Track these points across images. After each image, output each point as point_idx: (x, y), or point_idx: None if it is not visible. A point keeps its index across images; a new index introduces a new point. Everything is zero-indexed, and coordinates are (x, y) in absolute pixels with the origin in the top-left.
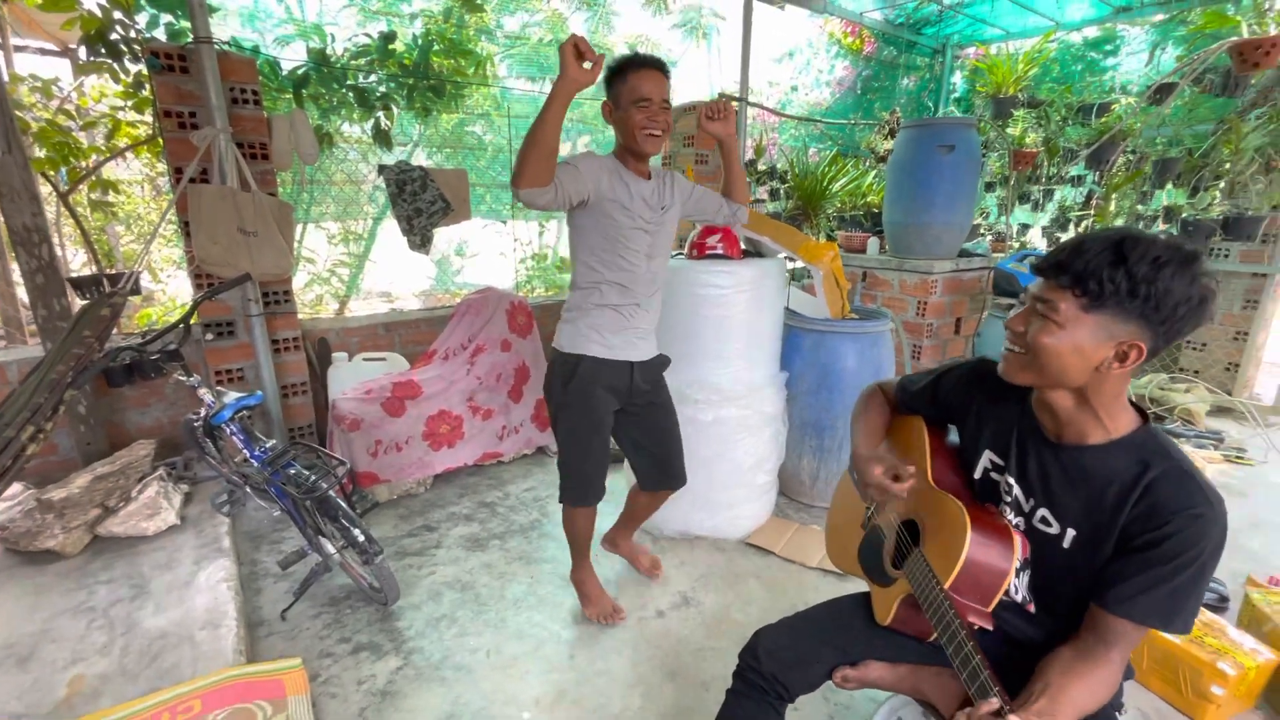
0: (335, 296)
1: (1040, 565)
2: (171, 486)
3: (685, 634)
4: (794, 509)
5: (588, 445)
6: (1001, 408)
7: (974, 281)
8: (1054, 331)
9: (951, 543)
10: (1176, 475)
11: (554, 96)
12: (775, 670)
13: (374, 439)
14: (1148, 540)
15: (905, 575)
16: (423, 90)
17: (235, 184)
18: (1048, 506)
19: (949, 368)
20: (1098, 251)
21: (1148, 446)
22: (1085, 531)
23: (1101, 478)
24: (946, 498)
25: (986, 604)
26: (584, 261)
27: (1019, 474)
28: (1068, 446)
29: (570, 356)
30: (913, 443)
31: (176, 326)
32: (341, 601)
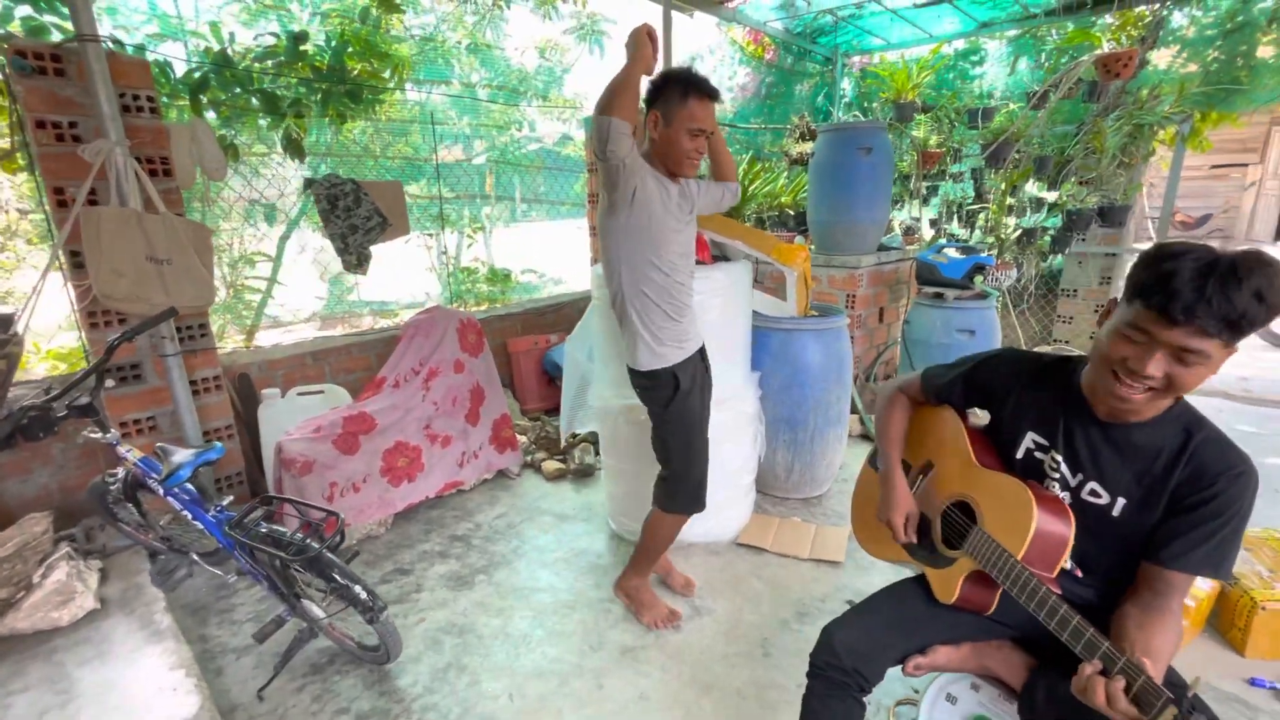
0: (240, 327)
1: (1088, 533)
2: (84, 565)
3: (706, 644)
4: (771, 503)
5: (698, 451)
6: (1043, 392)
7: (892, 273)
8: (1201, 373)
9: (1018, 517)
10: (1216, 441)
11: (632, 67)
12: (856, 663)
13: (329, 481)
14: (1197, 500)
15: (968, 554)
16: (338, 96)
17: (139, 205)
18: (1098, 480)
19: (981, 359)
20: (1248, 298)
21: (1186, 417)
22: (1136, 498)
23: (1151, 449)
24: (1003, 476)
25: (1052, 570)
26: (630, 266)
27: (1067, 452)
28: (1117, 425)
29: (661, 374)
30: (946, 431)
31: (88, 376)
32: (326, 668)
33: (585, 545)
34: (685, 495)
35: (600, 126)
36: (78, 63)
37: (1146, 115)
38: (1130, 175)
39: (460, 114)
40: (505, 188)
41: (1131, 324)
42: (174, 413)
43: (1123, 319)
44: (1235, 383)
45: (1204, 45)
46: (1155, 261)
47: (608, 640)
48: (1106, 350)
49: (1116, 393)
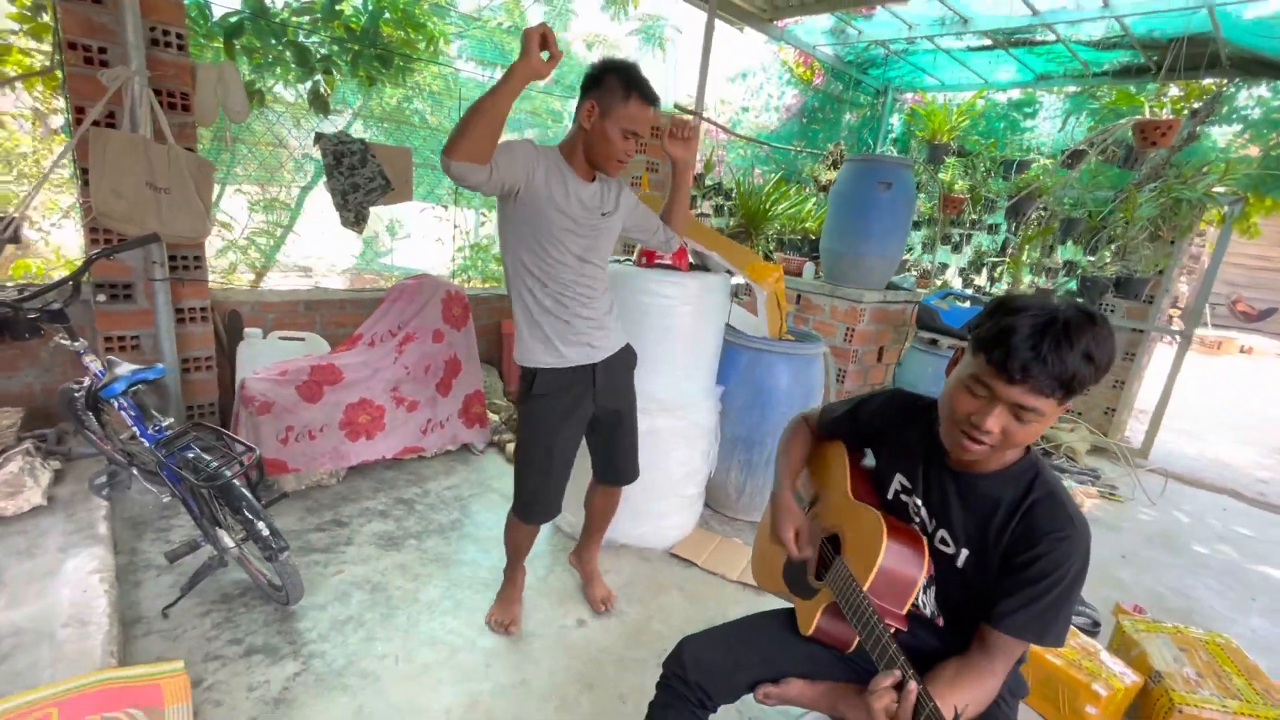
0: (251, 267)
1: (941, 583)
2: (39, 462)
3: (606, 644)
4: (718, 521)
5: (542, 463)
6: (909, 435)
7: (898, 313)
8: (1036, 429)
9: (870, 548)
10: (1049, 501)
11: (508, 78)
12: (700, 678)
13: (285, 424)
14: (1023, 560)
15: (828, 584)
16: (369, 58)
17: (149, 134)
18: (946, 528)
19: (866, 398)
20: (1078, 359)
21: (1030, 474)
22: (976, 551)
23: (992, 502)
24: (865, 508)
25: (901, 606)
26: (513, 255)
27: (924, 496)
28: (966, 473)
29: (526, 371)
30: (833, 466)
31: (64, 284)
32: (235, 599)
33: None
34: (520, 499)
35: (445, 169)
36: None
37: (1186, 190)
38: (1158, 249)
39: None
40: None
41: (974, 377)
42: (155, 335)
43: (967, 370)
44: (1251, 483)
45: (1269, 129)
46: (996, 314)
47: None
48: (952, 402)
49: (961, 445)
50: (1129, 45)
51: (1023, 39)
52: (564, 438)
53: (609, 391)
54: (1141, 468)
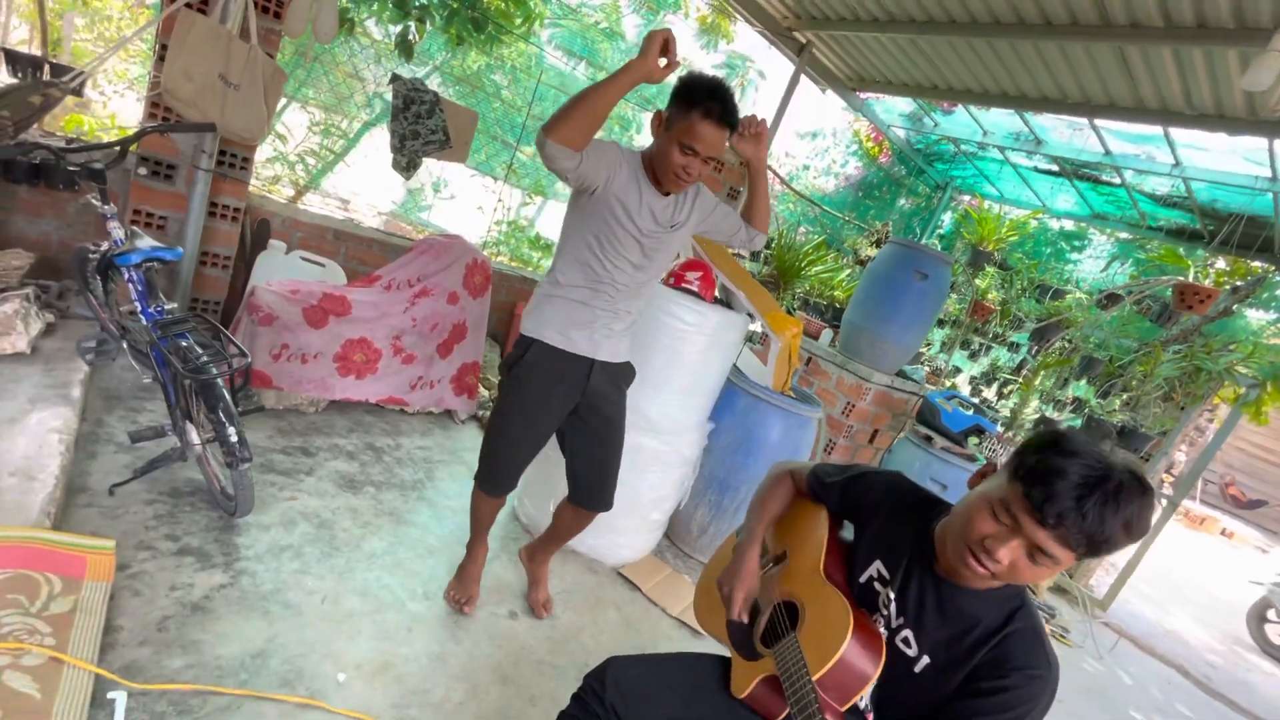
0: (294, 184)
1: (889, 681)
2: (35, 310)
3: (530, 643)
4: (673, 554)
5: (514, 435)
6: (902, 527)
7: (901, 401)
8: (1047, 573)
9: (830, 637)
10: (1028, 635)
11: (622, 74)
12: (616, 701)
13: (281, 341)
14: (990, 686)
15: (773, 656)
16: (464, 18)
17: (235, 29)
18: (913, 630)
19: (865, 472)
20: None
21: (1014, 603)
22: (940, 662)
23: (970, 619)
24: (835, 594)
25: (843, 704)
26: (570, 250)
27: (900, 593)
28: (949, 583)
29: (524, 339)
30: (811, 531)
31: (112, 146)
32: (183, 496)
33: None
34: (483, 473)
35: (539, 146)
36: None
37: (1208, 361)
38: (1168, 410)
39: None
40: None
41: (1003, 503)
42: (183, 221)
43: (997, 493)
44: (1200, 664)
45: None
46: (1047, 450)
47: (442, 596)
48: (970, 519)
49: (965, 563)
50: (1189, 208)
51: (1089, 174)
52: (543, 415)
53: (600, 394)
54: (1098, 619)
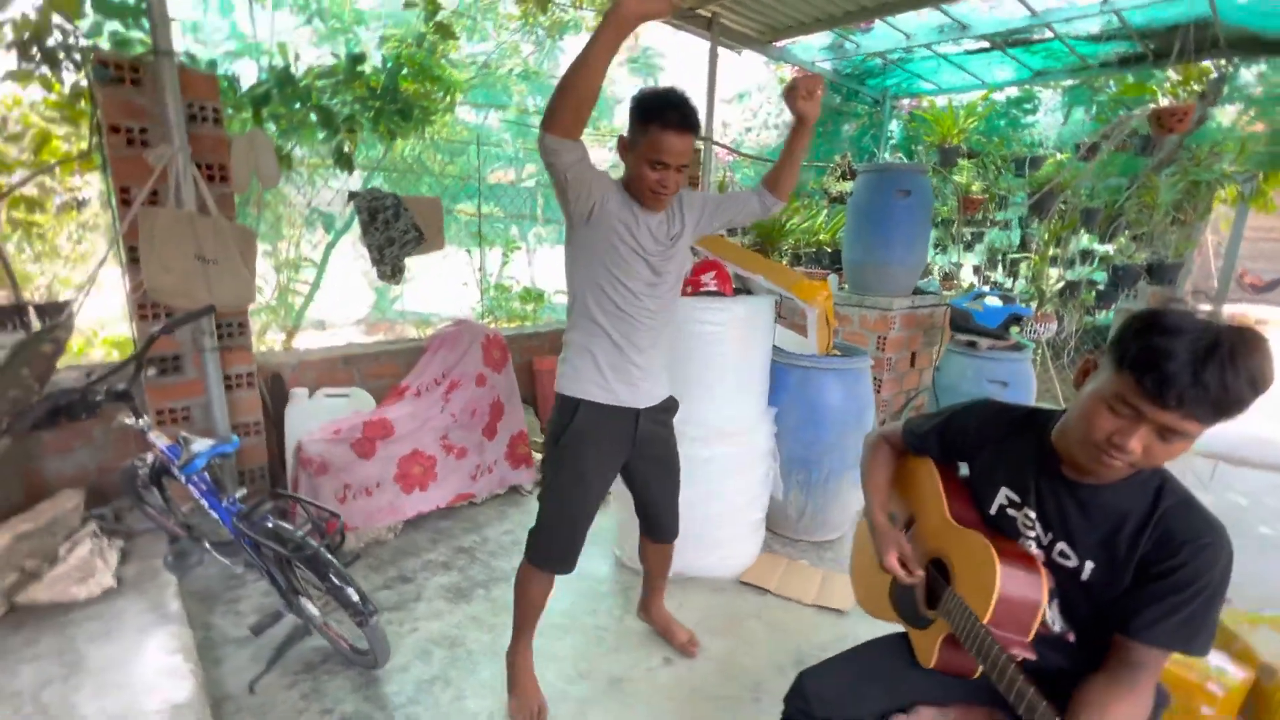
0: (281, 327)
1: (1065, 597)
2: (107, 544)
3: (697, 683)
4: (781, 544)
5: (571, 508)
6: (1016, 446)
7: (927, 317)
8: (1181, 449)
9: (983, 578)
10: (1185, 508)
11: (603, 29)
12: (826, 713)
13: (343, 482)
14: (1163, 569)
15: (942, 615)
16: (390, 114)
17: (193, 207)
18: (1066, 541)
19: (955, 411)
20: (1242, 386)
21: (1155, 482)
22: (1103, 563)
23: (1118, 513)
24: (971, 534)
25: (1025, 635)
26: (581, 290)
27: (1038, 509)
28: (1086, 485)
29: (568, 401)
30: (925, 484)
31: (128, 365)
32: (318, 666)
33: (587, 569)
34: (541, 543)
35: (540, 145)
36: (153, 74)
37: (1203, 173)
38: (1184, 232)
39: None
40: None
41: (1120, 397)
42: (207, 405)
43: (1110, 389)
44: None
45: (1273, 105)
46: (1148, 333)
47: (597, 669)
48: (1090, 420)
49: (1098, 462)
50: (1126, 36)
51: (1020, 39)
52: (597, 480)
53: (648, 439)
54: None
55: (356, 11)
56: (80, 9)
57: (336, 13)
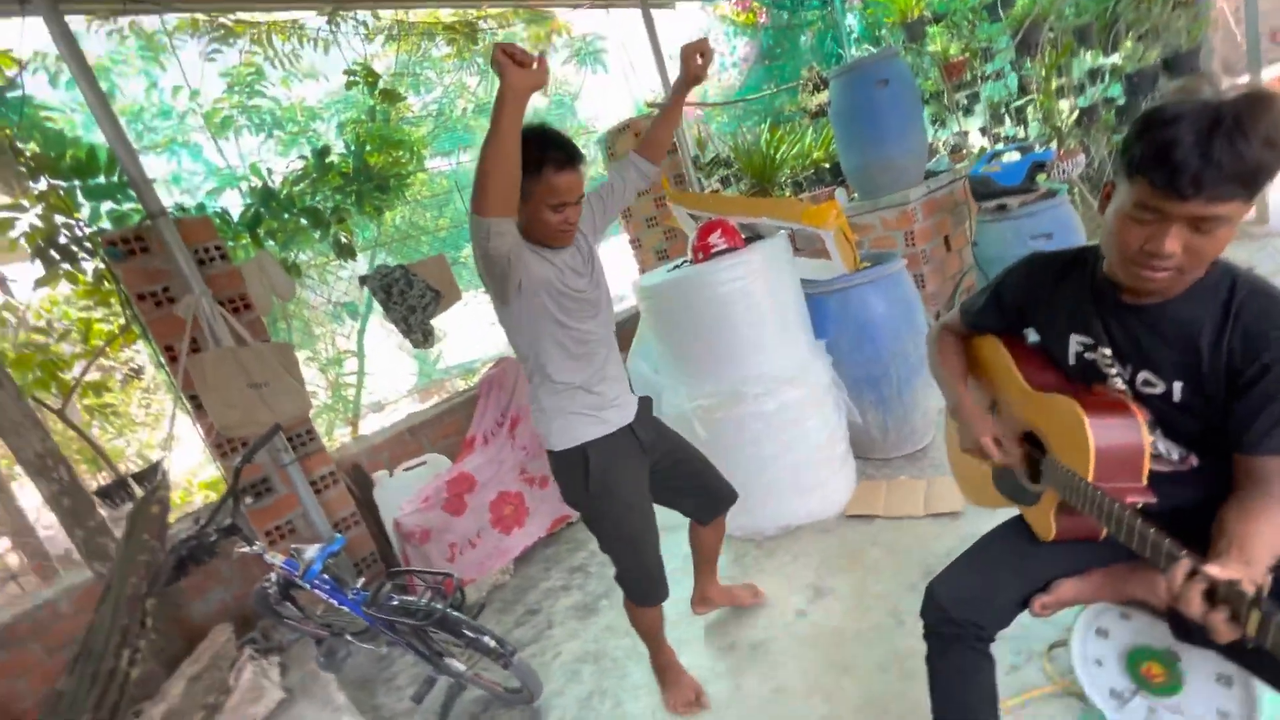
0: (344, 421)
1: (1168, 426)
2: (265, 662)
3: (835, 625)
4: (875, 467)
5: (637, 541)
6: (1070, 288)
7: (948, 197)
8: (1223, 237)
9: (1076, 437)
10: (1259, 298)
11: (499, 106)
12: (966, 614)
13: (447, 543)
14: (1256, 372)
15: (1048, 485)
16: (369, 192)
17: (230, 342)
18: (1147, 368)
19: (1002, 276)
20: (1258, 147)
21: (1227, 281)
22: (1191, 380)
23: (1192, 324)
24: (1052, 397)
25: (1138, 479)
26: (534, 354)
27: (1112, 345)
28: (1150, 306)
29: (572, 453)
30: (996, 362)
31: (226, 501)
32: (481, 716)
33: None
34: (634, 587)
35: (477, 230)
36: (156, 236)
37: None
38: (1190, 14)
39: None
40: None
41: (1139, 204)
42: (304, 513)
43: (1128, 200)
44: None
45: None
46: (1149, 130)
47: (737, 640)
48: (1120, 238)
49: (1141, 278)
50: None
51: None
52: (645, 502)
53: (655, 441)
54: (1268, 236)
55: (308, 110)
56: (75, 202)
57: (290, 118)
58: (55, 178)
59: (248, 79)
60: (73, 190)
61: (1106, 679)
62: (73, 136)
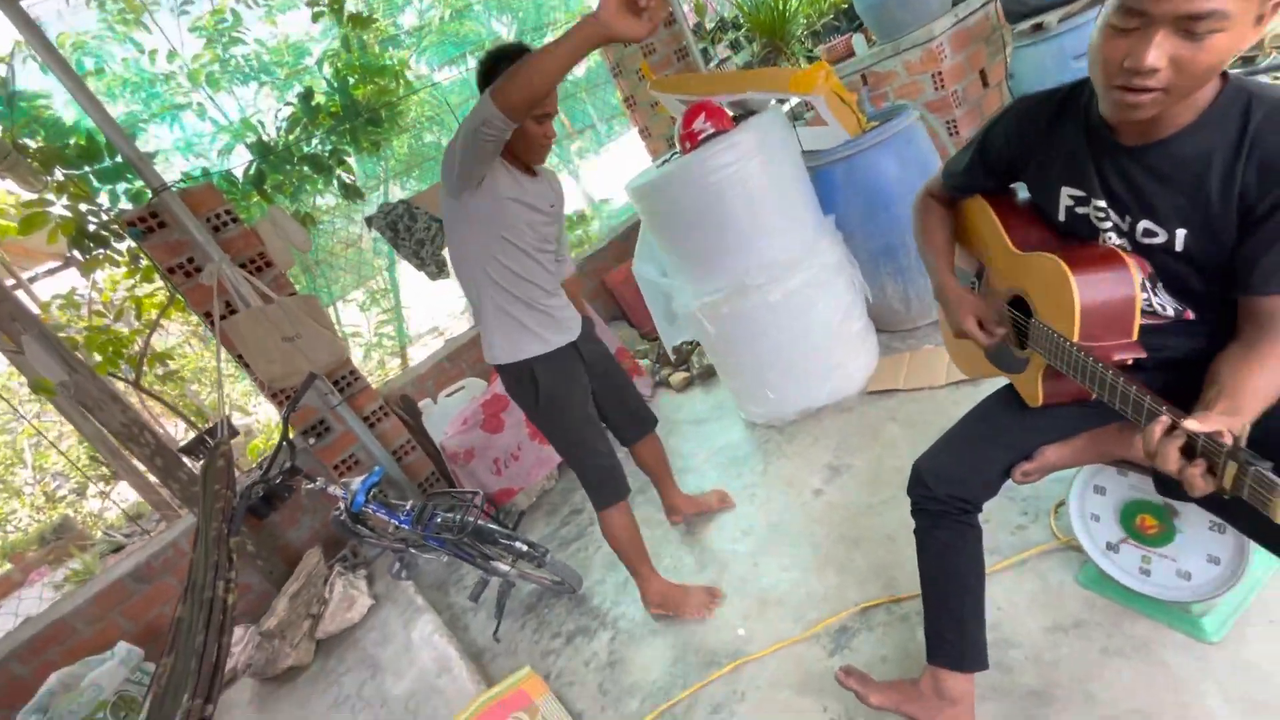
0: (392, 354)
1: (1169, 279)
2: (353, 576)
3: (849, 500)
4: (898, 340)
5: (590, 443)
6: (1060, 136)
7: (980, 24)
8: (1220, 43)
9: (1060, 295)
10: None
11: (572, 34)
12: (949, 489)
13: (491, 459)
14: (1267, 208)
15: (1034, 349)
16: (362, 127)
17: (257, 302)
18: (1147, 216)
19: (986, 129)
20: None
21: (1239, 101)
22: (1197, 224)
23: (1199, 158)
24: (1036, 256)
25: (1128, 335)
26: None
27: (1107, 195)
28: (1151, 145)
29: (520, 368)
30: (982, 225)
31: (281, 448)
32: (538, 605)
33: (723, 441)
34: (598, 488)
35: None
36: (167, 211)
37: None
38: None
39: None
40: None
41: (1119, 9)
42: (363, 446)
43: (1110, 9)
44: None
45: None
46: None
47: (756, 523)
48: (1101, 55)
49: (1125, 104)
50: None
51: None
52: (584, 402)
53: (594, 360)
54: None
55: (294, 47)
56: (92, 188)
57: (277, 60)
58: (66, 167)
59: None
60: (86, 177)
61: (1103, 533)
62: (71, 123)
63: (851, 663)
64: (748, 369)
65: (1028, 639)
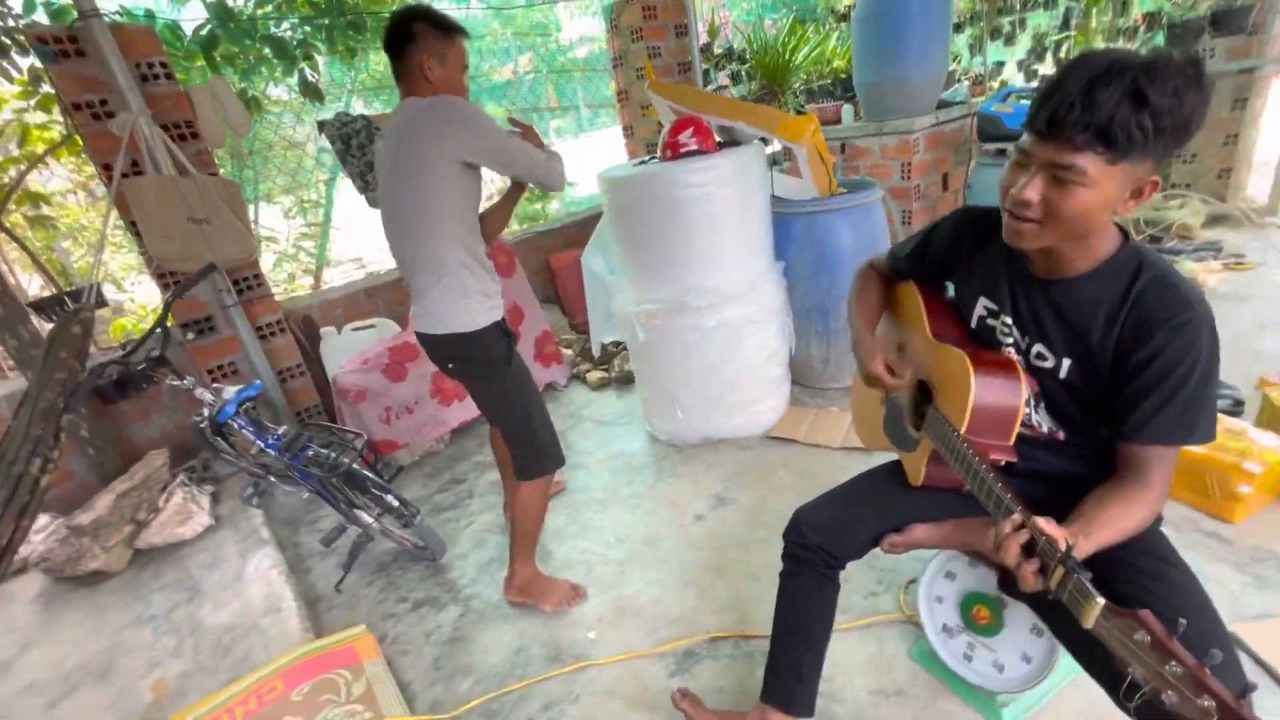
0: (307, 271)
1: (1049, 398)
2: (197, 490)
3: (726, 532)
4: (809, 395)
5: (542, 410)
6: (987, 253)
7: (956, 133)
8: (1081, 196)
9: (959, 389)
10: (1158, 286)
11: None
12: (821, 540)
13: (383, 406)
14: (1142, 359)
15: (926, 433)
16: (341, 29)
17: (171, 171)
18: (1041, 341)
19: (933, 226)
20: (1116, 100)
21: (1131, 263)
22: (1079, 359)
23: (1090, 303)
24: (947, 349)
25: (1007, 438)
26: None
27: (1013, 314)
28: (1056, 281)
29: (487, 332)
30: (910, 308)
31: (153, 332)
32: (390, 565)
33: (622, 448)
34: (540, 455)
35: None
36: (91, 39)
37: None
38: None
39: (503, 26)
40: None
41: (1017, 147)
42: (247, 357)
43: (1016, 144)
44: None
45: None
46: (1056, 74)
47: (633, 532)
48: (1002, 182)
49: (1011, 228)
50: None
51: None
52: None
53: None
54: (1269, 225)
55: None
56: None
57: None
58: None
59: None
60: None
61: (943, 615)
62: None
63: (689, 686)
64: (666, 384)
65: (853, 697)
